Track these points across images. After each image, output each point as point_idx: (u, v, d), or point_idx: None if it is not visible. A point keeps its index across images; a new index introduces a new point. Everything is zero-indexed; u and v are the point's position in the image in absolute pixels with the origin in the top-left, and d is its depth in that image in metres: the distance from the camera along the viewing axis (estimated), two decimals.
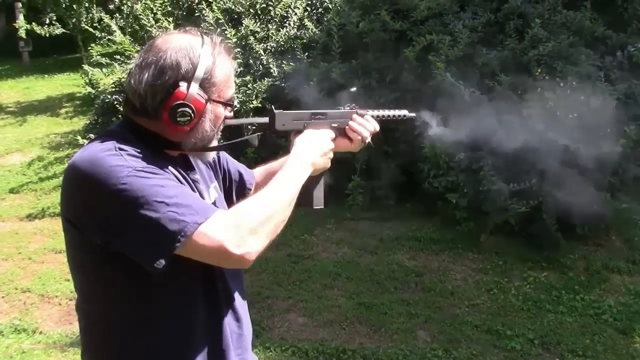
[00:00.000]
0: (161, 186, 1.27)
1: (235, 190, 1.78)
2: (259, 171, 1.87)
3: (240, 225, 1.29)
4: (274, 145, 5.32)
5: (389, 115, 1.79)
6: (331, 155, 1.63)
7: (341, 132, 1.68)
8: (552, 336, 3.78)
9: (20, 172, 7.61)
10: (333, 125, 1.66)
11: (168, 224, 1.23)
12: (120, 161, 1.26)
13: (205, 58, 1.37)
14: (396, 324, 3.89)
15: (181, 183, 1.38)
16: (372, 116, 1.74)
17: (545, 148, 4.54)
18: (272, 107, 1.61)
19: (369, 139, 1.73)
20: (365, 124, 1.71)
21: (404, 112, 1.82)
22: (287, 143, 1.67)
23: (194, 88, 1.35)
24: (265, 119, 1.61)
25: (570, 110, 4.68)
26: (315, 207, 1.69)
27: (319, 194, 1.69)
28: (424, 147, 5.12)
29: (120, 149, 1.29)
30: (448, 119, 2.43)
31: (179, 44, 1.37)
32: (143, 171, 1.27)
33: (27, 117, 10.20)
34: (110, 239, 1.27)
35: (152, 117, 1.37)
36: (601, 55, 4.83)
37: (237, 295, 1.55)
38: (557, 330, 3.85)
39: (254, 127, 5.53)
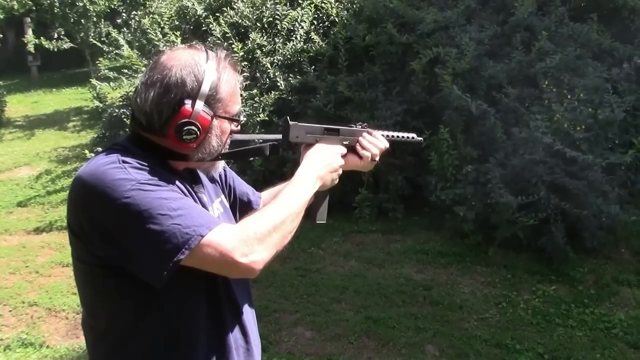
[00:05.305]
0: (165, 199, 1.26)
1: (239, 209, 1.76)
2: (267, 193, 1.86)
3: (247, 235, 1.29)
4: (281, 157, 5.34)
5: (397, 136, 1.80)
6: (340, 172, 1.62)
7: (351, 150, 1.68)
8: (562, 350, 3.73)
9: (28, 186, 7.66)
10: (344, 142, 1.66)
11: (172, 237, 1.23)
12: (124, 174, 1.27)
13: (210, 74, 1.38)
14: (404, 338, 3.86)
15: (186, 196, 1.38)
16: (382, 135, 1.74)
17: (553, 160, 4.53)
18: (288, 118, 1.61)
19: (378, 157, 1.72)
20: (376, 142, 1.70)
21: (412, 135, 1.84)
22: (295, 156, 1.66)
23: (199, 105, 1.35)
24: (277, 136, 1.62)
25: (578, 123, 4.66)
26: (317, 222, 1.69)
27: (323, 209, 1.68)
28: (431, 160, 5.11)
29: (124, 162, 1.29)
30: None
31: (184, 61, 1.37)
32: (147, 184, 1.27)
33: (35, 131, 10.32)
34: (114, 252, 1.27)
35: (158, 134, 1.38)
36: (608, 67, 4.83)
37: (244, 309, 1.53)
38: (567, 344, 3.80)
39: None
